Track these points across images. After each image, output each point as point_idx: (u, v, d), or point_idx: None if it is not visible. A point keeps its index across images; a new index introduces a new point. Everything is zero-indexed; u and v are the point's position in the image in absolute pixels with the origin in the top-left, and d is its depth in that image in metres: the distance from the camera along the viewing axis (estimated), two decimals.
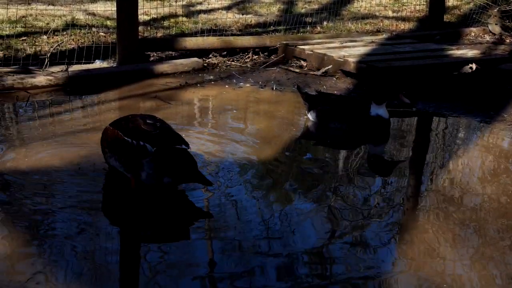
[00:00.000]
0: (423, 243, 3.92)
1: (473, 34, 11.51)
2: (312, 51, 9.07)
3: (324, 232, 4.10)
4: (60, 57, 8.61)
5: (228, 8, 13.33)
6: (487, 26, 11.64)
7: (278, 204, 4.51)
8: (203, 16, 12.24)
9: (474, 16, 12.18)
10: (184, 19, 11.89)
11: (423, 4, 13.59)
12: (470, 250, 3.85)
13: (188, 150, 4.51)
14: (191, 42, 9.26)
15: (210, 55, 9.37)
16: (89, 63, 8.69)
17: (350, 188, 4.82)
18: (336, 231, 4.11)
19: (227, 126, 6.35)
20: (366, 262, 3.69)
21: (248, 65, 9.14)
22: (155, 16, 11.60)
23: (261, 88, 7.95)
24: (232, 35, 10.37)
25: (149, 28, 10.73)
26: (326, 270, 3.64)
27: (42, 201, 4.45)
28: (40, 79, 7.66)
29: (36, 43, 9.55)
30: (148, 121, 4.62)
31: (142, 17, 10.87)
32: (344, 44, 9.58)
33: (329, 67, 8.60)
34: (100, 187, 4.75)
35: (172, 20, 11.62)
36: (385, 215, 4.33)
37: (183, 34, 10.55)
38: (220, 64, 9.10)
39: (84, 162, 5.14)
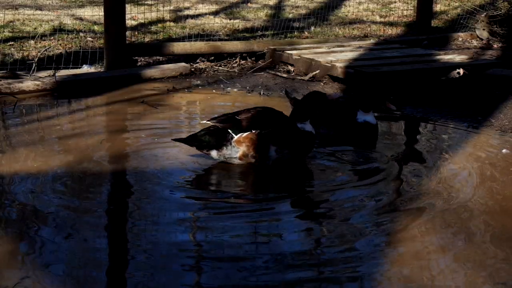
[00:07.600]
0: (411, 249, 3.94)
1: (460, 39, 11.56)
2: (299, 56, 9.07)
3: (307, 238, 4.12)
4: (48, 62, 8.59)
5: (215, 13, 13.33)
6: (475, 31, 11.68)
7: (262, 210, 4.51)
8: (190, 21, 12.24)
9: (461, 21, 12.23)
10: (172, 24, 11.89)
11: (411, 9, 13.64)
12: (457, 256, 3.86)
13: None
14: (178, 47, 9.25)
15: (198, 60, 9.35)
16: (76, 68, 8.66)
17: (338, 195, 4.82)
18: (321, 238, 4.12)
19: None
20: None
21: (236, 70, 9.13)
22: (143, 21, 11.59)
23: (249, 93, 7.95)
24: (220, 40, 10.37)
25: (136, 33, 10.71)
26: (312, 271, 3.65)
27: (29, 206, 4.43)
28: (28, 84, 7.63)
29: (24, 48, 9.52)
30: None
31: (129, 22, 10.85)
32: (332, 49, 9.59)
33: (317, 72, 8.61)
34: (88, 193, 4.74)
35: (159, 25, 11.61)
36: (374, 222, 4.34)
37: (171, 39, 10.54)
38: (207, 69, 9.09)
39: (71, 168, 5.13)
